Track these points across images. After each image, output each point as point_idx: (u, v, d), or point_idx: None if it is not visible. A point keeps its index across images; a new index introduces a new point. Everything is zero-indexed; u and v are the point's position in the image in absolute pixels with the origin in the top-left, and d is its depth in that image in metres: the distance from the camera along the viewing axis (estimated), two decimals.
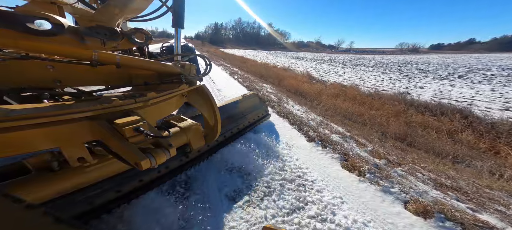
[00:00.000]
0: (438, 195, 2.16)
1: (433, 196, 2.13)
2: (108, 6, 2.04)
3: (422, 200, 2.05)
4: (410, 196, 2.13)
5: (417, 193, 2.18)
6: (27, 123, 0.87)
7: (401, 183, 2.32)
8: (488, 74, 15.41)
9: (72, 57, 1.23)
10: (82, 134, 1.10)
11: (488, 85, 11.16)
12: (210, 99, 1.96)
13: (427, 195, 2.15)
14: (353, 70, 18.81)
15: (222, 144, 2.72)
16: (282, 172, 2.41)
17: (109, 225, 1.58)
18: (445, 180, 2.46)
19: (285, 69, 14.41)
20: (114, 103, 1.15)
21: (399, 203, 2.07)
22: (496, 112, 6.24)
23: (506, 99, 8.07)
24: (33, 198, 1.19)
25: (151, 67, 1.55)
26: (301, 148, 3.10)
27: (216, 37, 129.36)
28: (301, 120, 4.12)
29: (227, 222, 1.73)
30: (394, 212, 1.97)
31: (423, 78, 14.00)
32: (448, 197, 2.14)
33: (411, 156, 3.07)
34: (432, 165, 2.84)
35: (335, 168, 2.63)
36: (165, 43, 4.11)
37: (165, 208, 1.75)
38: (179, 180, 2.14)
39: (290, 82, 8.48)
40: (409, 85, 11.23)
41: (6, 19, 0.85)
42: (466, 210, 1.97)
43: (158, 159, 1.03)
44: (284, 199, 2.00)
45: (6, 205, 0.48)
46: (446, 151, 3.40)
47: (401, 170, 2.59)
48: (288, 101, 5.74)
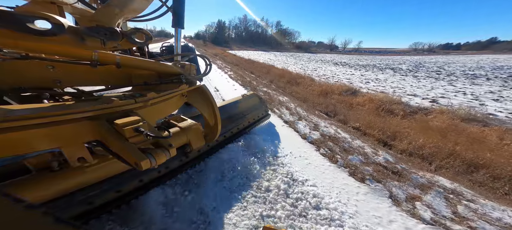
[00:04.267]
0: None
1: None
2: (108, 6, 2.04)
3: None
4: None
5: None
6: (27, 123, 0.87)
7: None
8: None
9: (72, 57, 1.23)
10: (82, 134, 1.10)
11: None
12: (210, 99, 1.96)
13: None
14: (392, 76, 15.37)
15: (222, 144, 2.72)
16: None
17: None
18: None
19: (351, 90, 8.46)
20: (114, 103, 1.15)
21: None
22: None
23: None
24: (33, 198, 1.19)
25: (151, 67, 1.55)
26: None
27: (220, 36, 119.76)
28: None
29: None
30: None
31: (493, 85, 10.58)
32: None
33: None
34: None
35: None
36: (165, 43, 4.11)
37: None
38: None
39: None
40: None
41: (6, 19, 0.85)
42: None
43: (158, 159, 1.03)
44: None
45: (6, 205, 0.48)
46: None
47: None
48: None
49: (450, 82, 12.73)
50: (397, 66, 24.01)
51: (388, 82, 12.63)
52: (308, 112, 5.15)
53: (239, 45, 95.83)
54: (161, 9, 2.51)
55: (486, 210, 2.16)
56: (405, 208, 2.12)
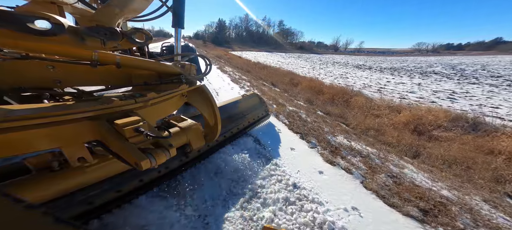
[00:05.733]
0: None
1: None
2: (108, 6, 2.04)
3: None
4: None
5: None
6: (27, 123, 0.87)
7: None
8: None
9: (72, 57, 1.23)
10: (83, 134, 1.10)
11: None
12: (210, 99, 1.96)
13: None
14: (437, 82, 12.61)
15: (222, 144, 2.72)
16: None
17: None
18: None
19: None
20: (114, 103, 1.15)
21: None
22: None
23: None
24: (33, 198, 1.19)
25: (151, 67, 1.55)
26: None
27: (220, 36, 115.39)
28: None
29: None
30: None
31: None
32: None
33: None
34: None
35: None
36: (165, 43, 4.11)
37: None
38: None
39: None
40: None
41: (6, 19, 0.85)
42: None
43: (158, 159, 1.03)
44: None
45: (6, 205, 0.48)
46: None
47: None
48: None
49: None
50: (428, 70, 19.27)
51: (459, 95, 9.67)
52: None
53: (240, 46, 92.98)
54: (161, 9, 2.50)
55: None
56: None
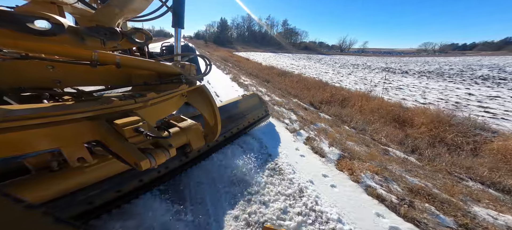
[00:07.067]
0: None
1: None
2: (108, 6, 2.04)
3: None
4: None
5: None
6: (27, 123, 0.87)
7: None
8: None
9: (72, 57, 1.23)
10: (82, 134, 1.10)
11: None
12: (210, 99, 1.96)
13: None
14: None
15: (221, 144, 2.72)
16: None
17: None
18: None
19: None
20: (114, 103, 1.15)
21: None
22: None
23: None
24: (33, 198, 1.19)
25: (151, 67, 1.55)
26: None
27: (223, 36, 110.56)
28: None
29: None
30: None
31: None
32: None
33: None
34: None
35: None
36: (164, 42, 4.11)
37: None
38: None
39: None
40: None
41: (6, 19, 0.85)
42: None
43: (158, 159, 1.03)
44: None
45: (6, 205, 0.48)
46: None
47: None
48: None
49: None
50: (477, 73, 15.63)
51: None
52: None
53: (243, 46, 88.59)
54: (161, 9, 2.50)
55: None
56: None
